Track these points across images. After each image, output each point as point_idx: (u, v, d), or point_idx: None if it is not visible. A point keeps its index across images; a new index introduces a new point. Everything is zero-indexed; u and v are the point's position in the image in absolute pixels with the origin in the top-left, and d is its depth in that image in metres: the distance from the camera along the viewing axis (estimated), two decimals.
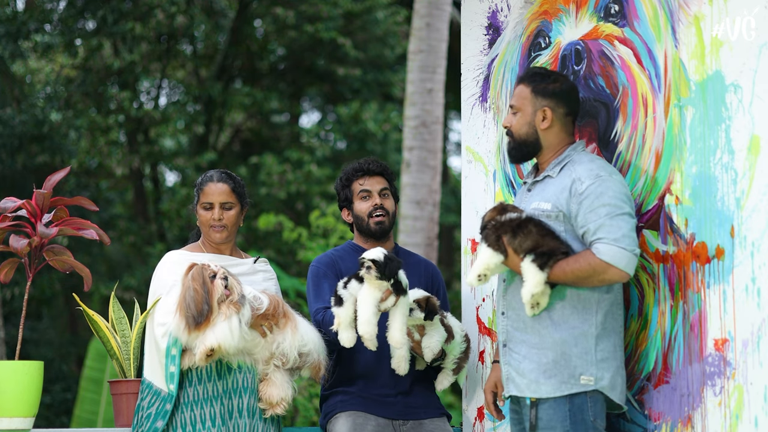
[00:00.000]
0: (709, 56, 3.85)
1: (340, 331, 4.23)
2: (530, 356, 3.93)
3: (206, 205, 4.43)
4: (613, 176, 3.91)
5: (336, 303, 4.27)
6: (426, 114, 10.43)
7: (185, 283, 4.15)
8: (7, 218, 4.20)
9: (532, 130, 4.06)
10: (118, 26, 13.79)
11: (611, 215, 3.84)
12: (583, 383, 3.86)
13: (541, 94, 4.04)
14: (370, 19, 15.98)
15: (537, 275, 3.83)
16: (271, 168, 14.90)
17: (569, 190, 3.92)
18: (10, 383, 4.10)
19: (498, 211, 3.96)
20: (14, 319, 13.26)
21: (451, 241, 18.20)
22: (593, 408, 3.87)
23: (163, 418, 4.20)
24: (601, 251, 3.81)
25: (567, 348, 3.88)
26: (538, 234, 3.87)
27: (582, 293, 3.90)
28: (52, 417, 13.50)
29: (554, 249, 3.85)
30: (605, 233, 3.82)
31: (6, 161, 12.89)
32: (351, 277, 4.25)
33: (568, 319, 3.89)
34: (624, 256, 3.80)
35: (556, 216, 3.93)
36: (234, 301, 4.11)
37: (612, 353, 3.91)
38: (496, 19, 4.79)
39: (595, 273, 3.82)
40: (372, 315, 4.16)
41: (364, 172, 4.63)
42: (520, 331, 3.97)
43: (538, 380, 3.90)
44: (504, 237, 3.89)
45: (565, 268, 3.84)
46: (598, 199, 3.86)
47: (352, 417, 4.44)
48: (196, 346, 4.12)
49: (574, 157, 4.01)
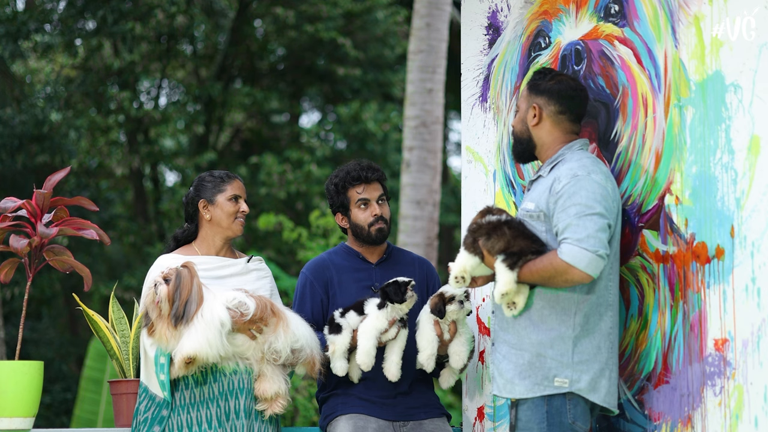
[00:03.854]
0: (709, 56, 3.85)
1: (334, 360, 4.37)
2: (509, 356, 3.94)
3: (235, 197, 4.49)
4: (592, 175, 3.88)
5: (332, 330, 4.38)
6: (426, 114, 10.44)
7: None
8: (7, 218, 4.20)
9: (525, 127, 4.09)
10: (118, 26, 13.79)
11: (579, 215, 3.82)
12: (557, 385, 3.86)
13: (534, 91, 4.06)
14: (370, 19, 15.98)
15: (506, 275, 3.84)
16: (271, 168, 14.90)
17: (549, 189, 3.93)
18: (10, 383, 4.10)
19: (481, 215, 3.99)
20: (14, 319, 13.26)
21: (451, 241, 18.19)
22: (572, 410, 3.86)
23: (160, 423, 4.23)
24: (563, 251, 3.80)
25: (543, 349, 3.88)
26: (510, 235, 3.88)
27: (561, 294, 3.89)
28: (52, 417, 13.51)
29: (524, 249, 3.86)
30: (570, 233, 3.82)
31: (6, 161, 12.89)
32: (350, 308, 4.37)
33: (546, 320, 3.90)
34: (584, 256, 3.78)
35: (538, 216, 3.94)
36: (160, 314, 4.16)
37: (593, 355, 3.88)
38: (496, 19, 4.79)
39: (557, 273, 3.81)
40: (372, 347, 4.31)
41: (361, 180, 4.61)
42: (504, 330, 3.99)
43: (513, 381, 3.91)
44: (479, 240, 3.92)
45: (532, 267, 3.84)
46: (570, 199, 3.86)
47: (353, 419, 4.44)
48: (174, 355, 4.15)
49: (566, 156, 4.01)
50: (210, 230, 4.50)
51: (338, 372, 4.39)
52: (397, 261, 4.68)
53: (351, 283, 4.57)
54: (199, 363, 4.15)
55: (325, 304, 4.57)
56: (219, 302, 4.20)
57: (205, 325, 4.13)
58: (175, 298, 4.15)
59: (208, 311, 4.16)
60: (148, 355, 4.25)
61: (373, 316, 4.32)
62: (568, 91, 4.06)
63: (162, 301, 4.15)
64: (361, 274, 4.60)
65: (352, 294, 4.53)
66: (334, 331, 4.37)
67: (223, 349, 4.17)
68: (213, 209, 4.47)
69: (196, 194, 4.50)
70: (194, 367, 4.17)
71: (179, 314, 4.13)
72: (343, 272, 4.60)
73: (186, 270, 4.20)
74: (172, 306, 4.14)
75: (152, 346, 4.21)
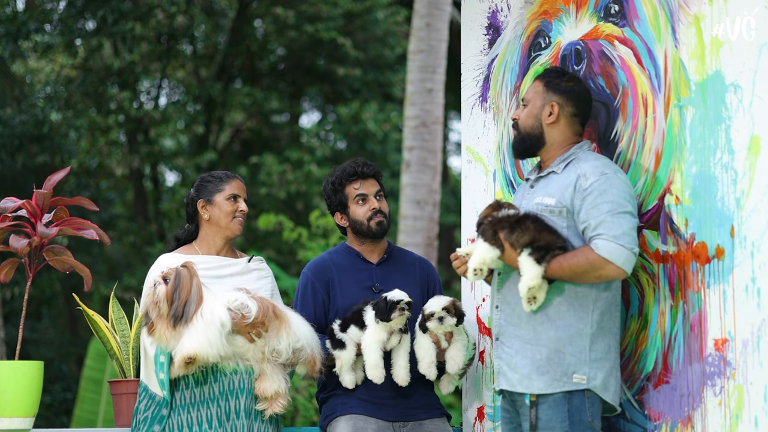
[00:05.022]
0: (709, 56, 3.85)
1: (342, 374, 4.42)
2: (523, 352, 3.93)
3: (233, 197, 4.49)
4: (618, 175, 3.92)
5: (335, 346, 4.40)
6: (426, 114, 10.44)
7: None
8: (7, 218, 4.20)
9: (538, 123, 4.07)
10: (118, 26, 13.78)
11: (613, 212, 3.84)
12: (576, 381, 3.86)
13: (553, 89, 4.06)
14: (370, 19, 15.98)
15: (534, 269, 3.83)
16: (271, 168, 14.90)
17: (574, 185, 3.92)
18: (10, 383, 4.10)
19: (494, 208, 3.98)
20: (14, 319, 13.26)
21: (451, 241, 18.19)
22: (591, 409, 3.87)
23: (159, 422, 4.23)
24: (599, 247, 3.81)
25: (561, 345, 3.88)
26: (535, 229, 3.88)
27: (579, 290, 3.89)
28: (52, 417, 13.50)
29: (551, 243, 3.85)
30: (605, 229, 3.82)
31: (6, 161, 12.89)
32: (350, 322, 4.38)
33: (564, 316, 3.89)
34: (622, 253, 3.80)
35: (560, 211, 3.94)
36: (159, 314, 4.16)
37: (605, 354, 3.90)
38: (496, 19, 4.79)
39: (593, 269, 3.82)
40: (379, 358, 4.34)
41: (358, 176, 4.62)
42: (514, 325, 3.97)
43: (531, 376, 3.90)
44: (501, 232, 3.90)
45: (563, 262, 3.84)
46: (602, 196, 3.86)
47: (353, 420, 4.44)
48: (174, 355, 4.15)
49: (579, 155, 4.02)
50: (210, 230, 4.50)
51: (348, 385, 4.44)
52: (398, 261, 4.68)
53: (352, 284, 4.57)
54: (199, 363, 4.15)
55: (327, 305, 4.57)
56: (219, 302, 4.20)
57: (205, 325, 4.13)
58: (174, 299, 4.14)
59: (208, 311, 4.16)
60: (148, 354, 4.25)
61: (372, 329, 4.34)
62: (585, 95, 4.09)
63: (161, 301, 4.15)
64: (362, 275, 4.60)
65: (353, 294, 4.53)
66: (337, 346, 4.40)
67: (224, 350, 4.17)
68: (211, 209, 4.47)
69: (195, 194, 4.51)
70: (194, 367, 4.17)
71: (178, 315, 4.13)
72: (344, 273, 4.60)
73: (185, 270, 4.20)
74: (171, 306, 4.14)
75: (152, 345, 4.22)
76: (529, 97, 4.11)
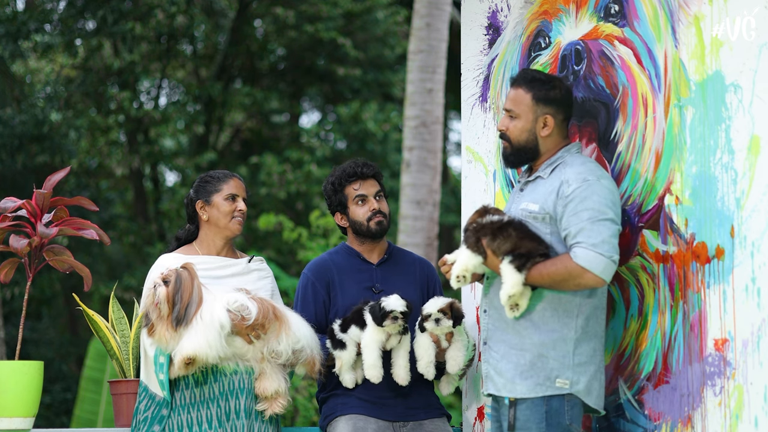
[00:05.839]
0: (709, 56, 3.85)
1: (342, 373, 4.43)
2: (508, 356, 3.94)
3: (231, 197, 4.48)
4: (602, 181, 3.90)
5: (335, 346, 4.41)
6: (426, 114, 10.44)
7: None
8: (7, 218, 4.20)
9: (533, 137, 4.06)
10: (118, 26, 13.78)
11: (593, 220, 3.83)
12: (559, 386, 3.87)
13: (543, 102, 4.03)
14: (370, 19, 15.98)
15: (514, 276, 3.84)
16: (271, 168, 14.90)
17: (557, 192, 3.92)
18: (10, 383, 4.10)
19: (480, 214, 3.99)
20: (14, 319, 13.26)
21: (451, 241, 18.18)
22: (570, 411, 3.88)
23: (159, 422, 4.23)
24: (578, 255, 3.81)
25: (545, 350, 3.88)
26: (517, 237, 3.88)
27: (563, 296, 3.90)
28: (52, 417, 13.51)
29: (532, 251, 3.86)
30: (584, 237, 3.82)
31: (6, 161, 12.89)
32: (350, 322, 4.38)
33: (548, 322, 3.90)
34: (600, 261, 3.79)
35: (543, 218, 3.94)
36: (159, 315, 4.16)
37: (590, 357, 3.91)
38: (496, 19, 4.79)
39: (571, 277, 3.82)
40: (377, 358, 4.35)
41: (357, 176, 4.62)
42: (501, 330, 3.98)
43: (514, 380, 3.91)
44: (483, 239, 3.91)
45: (542, 270, 3.84)
46: (582, 203, 3.86)
47: (353, 420, 4.44)
48: (174, 355, 4.15)
49: (566, 159, 4.01)
50: (209, 230, 4.50)
51: (348, 384, 4.44)
52: (398, 261, 4.68)
53: (352, 284, 4.57)
54: (198, 363, 4.15)
55: (327, 305, 4.57)
56: (219, 304, 4.20)
57: (204, 327, 4.13)
58: (176, 301, 4.14)
59: (208, 312, 4.16)
60: (147, 355, 4.25)
61: (371, 329, 4.34)
62: (568, 97, 4.08)
63: (161, 302, 4.15)
64: (362, 275, 4.60)
65: (353, 295, 4.53)
66: (337, 346, 4.40)
67: (223, 351, 4.17)
68: (210, 209, 4.47)
69: (194, 195, 4.51)
70: (194, 368, 4.17)
71: (180, 317, 4.13)
72: (344, 273, 4.60)
73: (186, 272, 4.20)
74: (172, 308, 4.14)
75: (152, 345, 4.22)
76: (517, 109, 4.05)
